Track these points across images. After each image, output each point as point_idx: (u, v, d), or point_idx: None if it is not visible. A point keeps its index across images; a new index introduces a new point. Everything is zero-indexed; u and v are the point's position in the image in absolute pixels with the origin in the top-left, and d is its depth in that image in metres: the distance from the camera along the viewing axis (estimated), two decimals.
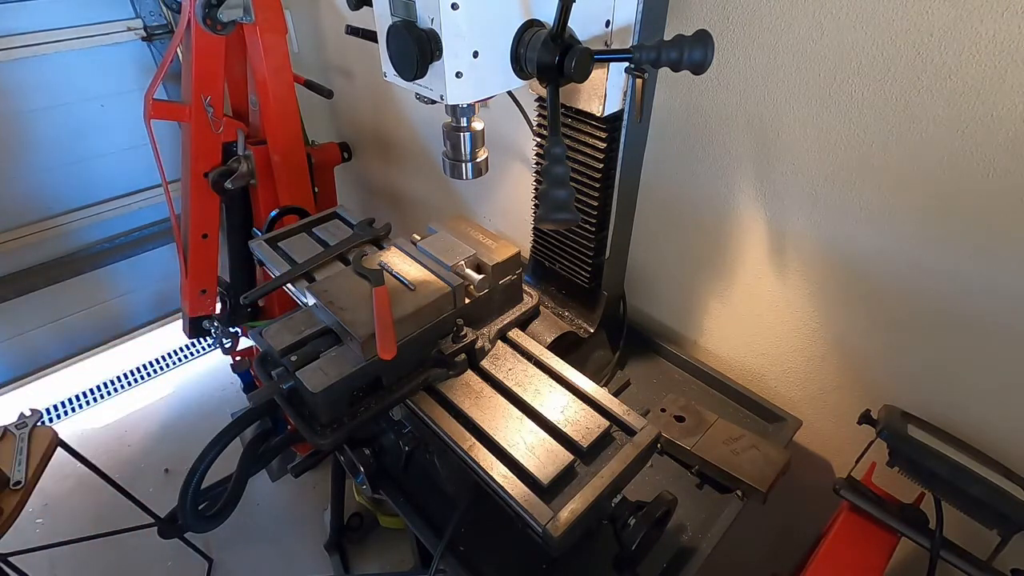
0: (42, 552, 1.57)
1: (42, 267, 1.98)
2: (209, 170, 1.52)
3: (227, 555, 1.79)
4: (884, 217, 0.77)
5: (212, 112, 1.42)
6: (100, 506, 1.86)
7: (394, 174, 1.75)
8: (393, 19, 0.58)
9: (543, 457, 0.68)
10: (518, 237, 1.33)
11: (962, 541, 0.75)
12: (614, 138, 0.83)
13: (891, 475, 0.77)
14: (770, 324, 0.98)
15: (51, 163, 1.88)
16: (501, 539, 0.81)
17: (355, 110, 1.76)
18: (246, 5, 1.27)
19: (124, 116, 1.92)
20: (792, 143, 0.81)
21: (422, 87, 0.61)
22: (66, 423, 2.18)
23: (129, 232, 2.13)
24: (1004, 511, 0.69)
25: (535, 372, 0.81)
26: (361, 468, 0.86)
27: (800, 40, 0.74)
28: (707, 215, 0.97)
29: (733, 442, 0.87)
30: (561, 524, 0.62)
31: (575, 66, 0.58)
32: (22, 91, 1.74)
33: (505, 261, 0.86)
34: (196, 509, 0.73)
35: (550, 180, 0.57)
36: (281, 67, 1.38)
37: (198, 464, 0.72)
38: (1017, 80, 0.60)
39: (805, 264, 0.88)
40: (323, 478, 1.91)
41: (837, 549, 0.80)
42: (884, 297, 0.82)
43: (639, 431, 0.72)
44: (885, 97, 0.70)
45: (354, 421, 0.74)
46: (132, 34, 1.83)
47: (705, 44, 0.54)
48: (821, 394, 0.98)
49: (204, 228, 1.61)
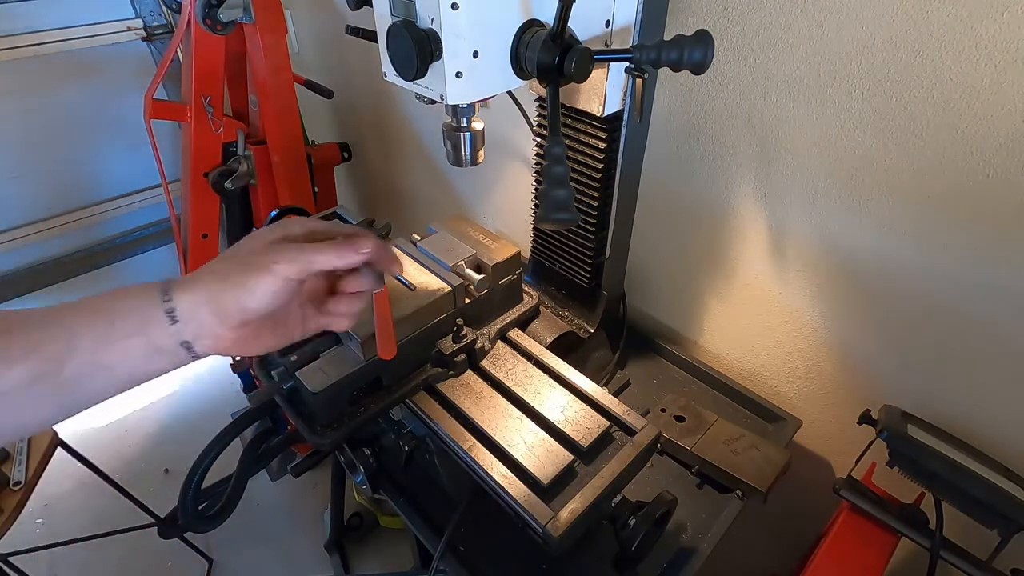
0: (42, 552, 1.57)
1: (41, 267, 1.98)
2: (209, 170, 1.52)
3: (227, 555, 1.79)
4: (884, 217, 0.77)
5: (212, 112, 1.43)
6: (100, 506, 1.86)
7: (394, 174, 1.75)
8: (393, 19, 0.58)
9: (543, 457, 0.68)
10: (518, 237, 1.33)
11: (962, 541, 0.75)
12: (614, 138, 0.83)
13: (891, 475, 0.77)
14: (770, 324, 0.98)
15: (51, 163, 1.88)
16: (501, 539, 0.81)
17: (355, 110, 1.76)
18: (246, 5, 1.27)
19: (124, 116, 1.92)
20: (792, 143, 0.81)
21: (422, 87, 0.61)
22: (66, 423, 2.18)
23: (129, 232, 2.13)
24: (1004, 511, 0.69)
25: (535, 372, 0.81)
26: (361, 468, 0.86)
27: (800, 40, 0.74)
28: (707, 215, 0.97)
29: (733, 442, 0.87)
30: (561, 524, 0.62)
31: (575, 66, 0.58)
32: (22, 91, 1.74)
33: (505, 261, 0.86)
34: (196, 509, 0.73)
35: (550, 180, 0.57)
36: (281, 67, 1.38)
37: (198, 464, 0.72)
38: (1016, 80, 0.60)
39: (805, 264, 0.89)
40: (323, 478, 1.91)
41: (837, 549, 0.80)
42: (884, 297, 0.82)
43: (639, 431, 0.72)
44: (885, 97, 0.70)
45: (354, 421, 0.74)
46: (132, 34, 1.83)
47: (705, 44, 0.54)
48: (821, 394, 0.98)
49: (204, 228, 1.61)
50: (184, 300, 0.45)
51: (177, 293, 0.45)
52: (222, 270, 0.47)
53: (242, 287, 0.45)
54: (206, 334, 0.46)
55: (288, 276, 0.46)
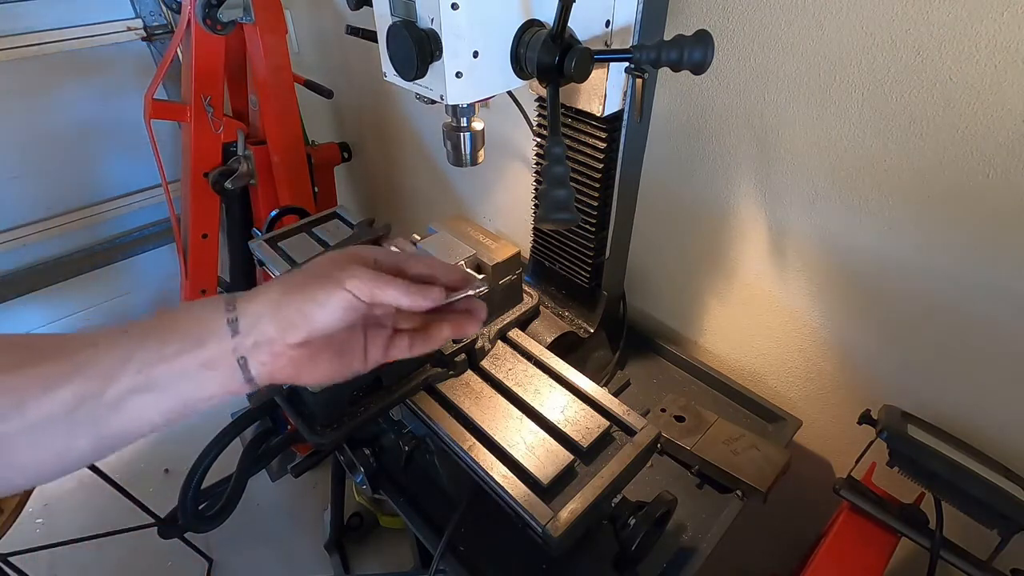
0: (42, 552, 1.57)
1: (41, 267, 1.98)
2: (209, 170, 1.52)
3: (227, 555, 1.79)
4: (884, 217, 0.77)
5: (212, 112, 1.43)
6: (100, 506, 1.86)
7: (394, 174, 1.75)
8: (393, 19, 0.58)
9: (543, 457, 0.68)
10: (518, 237, 1.33)
11: (962, 541, 0.75)
12: (614, 138, 0.83)
13: (891, 475, 0.77)
14: (770, 324, 0.98)
15: (51, 163, 1.88)
16: (501, 539, 0.81)
17: (355, 110, 1.76)
18: (246, 5, 1.27)
19: (124, 116, 1.92)
20: (792, 143, 0.81)
21: (422, 87, 0.61)
22: None
23: (129, 232, 2.13)
24: (1004, 511, 0.69)
25: (535, 372, 0.81)
26: (361, 468, 0.86)
27: (800, 40, 0.74)
28: (707, 215, 0.97)
29: (733, 442, 0.87)
30: (561, 524, 0.62)
31: (575, 66, 0.58)
32: (22, 91, 1.74)
33: (505, 261, 0.86)
34: (196, 509, 0.73)
35: (550, 180, 0.57)
36: (281, 67, 1.38)
37: (198, 464, 0.72)
38: (1016, 80, 0.60)
39: (805, 264, 0.89)
40: (323, 478, 1.91)
41: (837, 549, 0.80)
42: (884, 297, 0.82)
43: (639, 431, 0.72)
44: (885, 97, 0.70)
45: (354, 421, 0.74)
46: (132, 34, 1.83)
47: (705, 44, 0.54)
48: (821, 394, 0.98)
49: (204, 228, 1.61)
50: (248, 310, 0.43)
51: (242, 303, 0.43)
52: (290, 281, 0.45)
53: (311, 298, 0.43)
54: (265, 348, 0.43)
55: (359, 295, 0.44)
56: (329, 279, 0.44)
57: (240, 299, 0.44)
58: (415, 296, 0.46)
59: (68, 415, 0.39)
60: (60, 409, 0.38)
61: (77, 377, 0.39)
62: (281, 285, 0.45)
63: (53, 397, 0.38)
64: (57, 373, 0.39)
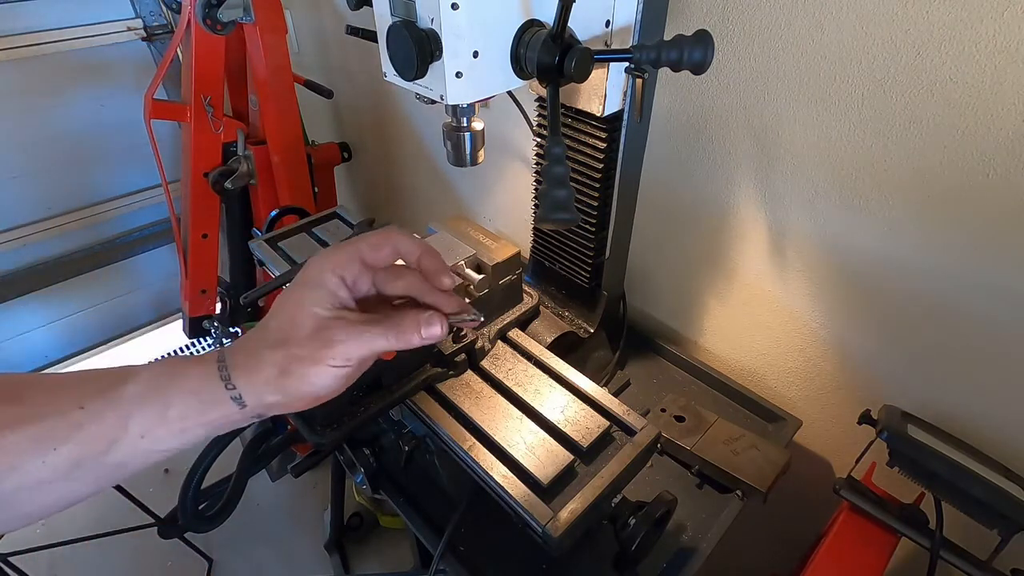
0: (42, 552, 1.57)
1: (41, 267, 1.98)
2: (209, 170, 1.52)
3: (227, 555, 1.79)
4: (884, 217, 0.77)
5: (212, 112, 1.43)
6: (100, 506, 1.86)
7: (394, 174, 1.75)
8: (393, 19, 0.58)
9: (543, 457, 0.68)
10: (518, 237, 1.33)
11: (962, 541, 0.75)
12: (614, 138, 0.83)
13: (891, 475, 0.77)
14: (770, 324, 0.98)
15: (51, 163, 1.88)
16: (501, 539, 0.81)
17: (355, 110, 1.76)
18: (246, 5, 1.27)
19: (124, 116, 1.92)
20: (792, 143, 0.81)
21: (422, 87, 0.61)
22: None
23: (129, 232, 2.13)
24: (1004, 511, 0.69)
25: (535, 372, 0.81)
26: (361, 468, 0.86)
27: (800, 40, 0.74)
28: (707, 215, 0.97)
29: (733, 442, 0.87)
30: (561, 524, 0.62)
31: (575, 66, 0.58)
32: (22, 91, 1.74)
33: (505, 261, 0.86)
34: (196, 509, 0.73)
35: (550, 180, 0.57)
36: (281, 67, 1.38)
37: (198, 464, 0.72)
38: (1017, 80, 0.60)
39: (805, 264, 0.89)
40: (323, 478, 1.91)
41: (837, 549, 0.80)
42: (884, 297, 0.82)
43: (639, 431, 0.72)
44: (885, 97, 0.70)
45: (354, 421, 0.74)
46: (132, 34, 1.83)
47: (705, 44, 0.54)
48: (821, 394, 0.98)
49: (204, 228, 1.61)
50: (249, 389, 0.43)
51: (239, 379, 0.42)
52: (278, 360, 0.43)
53: (305, 380, 0.43)
54: (276, 410, 0.45)
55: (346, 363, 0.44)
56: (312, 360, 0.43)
57: (234, 373, 0.43)
58: (406, 334, 0.46)
59: (68, 473, 0.39)
60: (61, 468, 0.38)
61: (78, 436, 0.38)
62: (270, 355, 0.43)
63: (56, 455, 0.38)
64: (61, 431, 0.38)
